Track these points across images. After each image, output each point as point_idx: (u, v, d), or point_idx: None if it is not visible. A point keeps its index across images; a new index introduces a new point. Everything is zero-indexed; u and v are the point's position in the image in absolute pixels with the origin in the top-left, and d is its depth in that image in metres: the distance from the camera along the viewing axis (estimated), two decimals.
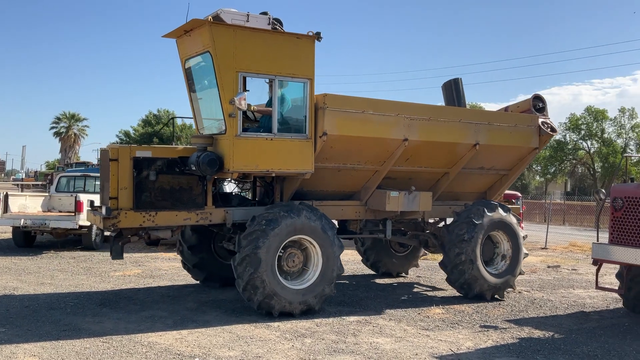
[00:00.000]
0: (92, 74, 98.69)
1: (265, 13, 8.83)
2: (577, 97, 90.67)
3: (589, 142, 53.24)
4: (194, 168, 8.48)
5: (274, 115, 8.79)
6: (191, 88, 9.77)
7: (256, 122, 9.27)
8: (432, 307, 9.55)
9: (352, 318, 8.65)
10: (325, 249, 8.81)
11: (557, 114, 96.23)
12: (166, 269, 12.73)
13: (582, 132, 52.16)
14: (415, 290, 11.20)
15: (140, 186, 8.39)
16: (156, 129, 58.37)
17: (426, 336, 7.80)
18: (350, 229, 10.66)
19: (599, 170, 53.60)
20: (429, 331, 8.07)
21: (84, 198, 15.17)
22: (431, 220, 11.58)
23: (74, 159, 60.93)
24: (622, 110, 52.94)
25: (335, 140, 9.13)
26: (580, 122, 52.25)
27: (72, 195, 15.33)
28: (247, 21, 8.61)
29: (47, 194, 17.13)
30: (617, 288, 9.72)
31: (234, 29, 8.46)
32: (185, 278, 11.60)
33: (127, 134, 61.16)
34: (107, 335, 7.31)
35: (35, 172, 52.38)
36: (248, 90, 8.90)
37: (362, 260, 12.89)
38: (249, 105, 8.57)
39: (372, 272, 12.68)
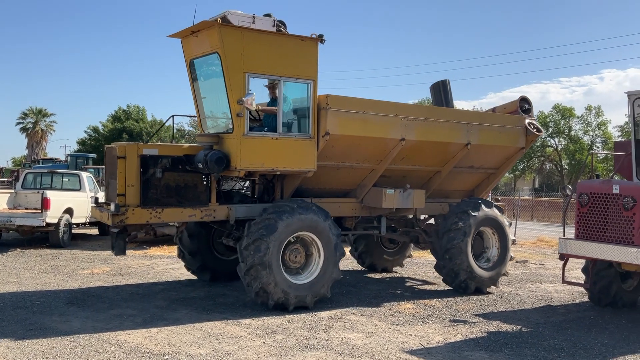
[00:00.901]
0: (59, 68, 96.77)
1: (269, 15, 9.01)
2: (545, 95, 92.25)
3: (556, 140, 54.29)
4: (201, 166, 8.64)
5: (279, 115, 8.98)
6: (195, 87, 9.89)
7: (258, 121, 9.39)
8: (403, 303, 9.62)
9: (324, 314, 8.67)
10: (326, 248, 9.05)
11: None
12: (136, 266, 12.57)
13: (550, 129, 53.12)
14: (386, 285, 11.27)
15: (146, 183, 8.54)
16: (126, 124, 57.58)
17: (397, 331, 7.86)
18: (345, 225, 10.85)
19: (566, 167, 54.72)
20: (400, 326, 8.13)
21: (51, 195, 14.91)
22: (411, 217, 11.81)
23: (41, 155, 59.74)
24: (588, 109, 54.12)
25: (337, 140, 9.36)
26: (548, 120, 53.20)
27: (38, 192, 15.04)
28: (253, 23, 8.80)
29: (13, 191, 16.75)
30: (583, 282, 9.93)
31: (242, 30, 8.62)
32: (155, 276, 11.49)
33: (95, 129, 60.19)
34: (74, 334, 7.19)
35: (1, 168, 51.16)
36: (251, 91, 8.96)
37: (350, 251, 12.97)
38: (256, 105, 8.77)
39: (346, 268, 12.72)
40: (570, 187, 9.98)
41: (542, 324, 8.52)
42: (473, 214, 10.60)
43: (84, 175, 17.42)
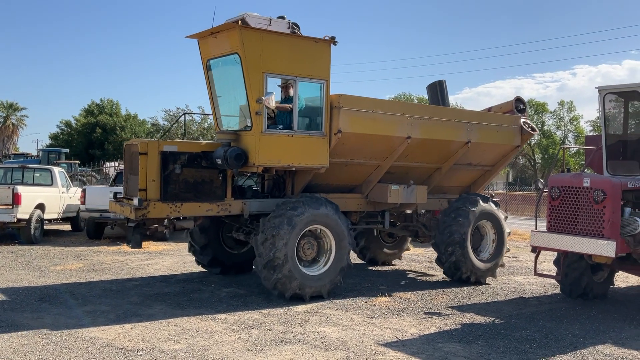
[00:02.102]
0: (30, 62, 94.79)
1: (282, 17, 9.36)
2: (519, 90, 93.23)
3: None
4: (220, 162, 8.98)
5: (294, 114, 9.36)
6: (211, 87, 10.22)
7: (271, 118, 9.58)
8: (378, 296, 9.68)
9: (300, 308, 8.68)
10: (338, 240, 9.42)
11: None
12: (109, 262, 12.43)
13: None
14: (362, 279, 11.32)
15: (166, 179, 8.86)
16: (99, 118, 56.75)
17: (372, 324, 7.91)
18: (350, 220, 10.94)
19: (539, 161, 55.57)
20: (375, 319, 8.18)
21: (22, 190, 14.65)
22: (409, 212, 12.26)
23: (12, 150, 58.52)
24: (561, 104, 55.06)
25: (348, 137, 9.72)
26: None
27: (9, 188, 14.77)
28: (270, 25, 9.15)
29: None
30: (554, 274, 10.10)
31: (261, 32, 8.98)
32: (129, 272, 11.36)
33: (68, 124, 59.18)
34: (46, 331, 7.08)
35: None
36: (270, 91, 9.30)
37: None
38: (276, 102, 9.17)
39: None
40: (542, 180, 10.14)
41: (514, 316, 8.64)
42: (472, 209, 11.03)
43: (56, 170, 17.15)
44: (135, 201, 8.65)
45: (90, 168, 35.34)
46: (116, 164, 33.33)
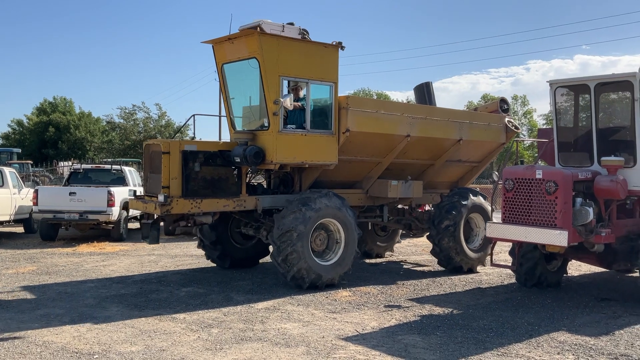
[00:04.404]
0: None
1: (292, 23, 10.02)
2: (475, 85, 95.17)
3: None
4: (238, 160, 9.58)
5: (307, 114, 10.06)
6: (226, 89, 10.83)
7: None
8: (339, 291, 9.71)
9: (261, 305, 8.63)
10: (347, 232, 10.04)
11: (457, 102, 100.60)
12: (63, 264, 12.10)
13: None
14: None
15: (187, 176, 9.40)
16: (52, 117, 55.22)
17: (333, 319, 7.92)
18: None
19: None
20: (336, 314, 8.20)
21: None
22: (401, 207, 12.87)
23: None
24: (515, 98, 56.25)
25: (355, 136, 10.41)
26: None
27: None
28: (283, 31, 9.83)
29: None
30: (510, 264, 10.33)
31: (277, 38, 9.68)
32: (84, 273, 11.08)
33: (20, 123, 57.46)
34: None
35: None
36: (288, 93, 9.94)
37: None
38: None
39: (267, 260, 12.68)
40: (497, 173, 10.36)
41: (472, 306, 8.80)
42: (464, 202, 11.65)
43: (7, 170, 16.59)
44: (161, 197, 9.11)
45: (43, 168, 34.36)
46: (70, 163, 32.51)
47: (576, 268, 12.12)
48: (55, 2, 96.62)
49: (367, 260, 13.15)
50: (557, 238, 8.44)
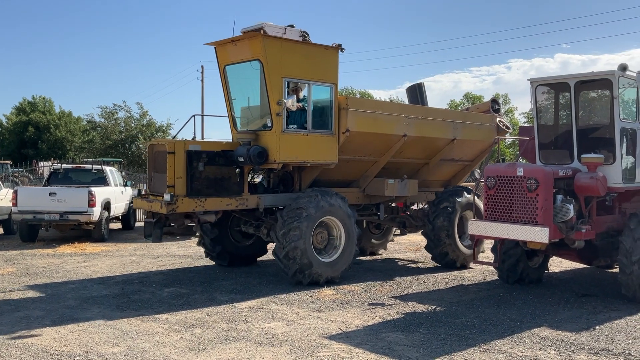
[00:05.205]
0: None
1: (292, 26, 10.18)
2: (457, 84, 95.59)
3: None
4: (242, 159, 9.79)
5: (308, 115, 10.26)
6: (228, 90, 10.95)
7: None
8: (323, 289, 9.71)
9: (244, 305, 8.60)
10: (347, 230, 10.29)
11: (439, 101, 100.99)
12: (44, 265, 11.94)
13: None
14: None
15: (192, 176, 9.59)
16: (32, 117, 54.49)
17: (317, 317, 7.91)
18: None
19: None
20: (320, 312, 8.20)
21: None
22: (395, 205, 13.11)
23: None
24: (496, 96, 56.63)
25: (354, 136, 10.63)
26: (459, 108, 55.27)
27: None
28: (284, 33, 9.98)
29: None
30: (492, 261, 10.40)
31: (280, 40, 9.86)
32: (65, 275, 10.95)
33: None
34: None
35: None
36: (291, 94, 10.13)
37: None
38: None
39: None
40: (479, 171, 10.43)
41: (455, 303, 8.85)
42: (458, 199, 11.97)
43: None
44: (167, 197, 9.31)
45: (23, 168, 33.92)
46: (50, 163, 32.11)
47: (557, 264, 12.25)
48: (33, 2, 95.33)
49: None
50: (538, 235, 8.52)
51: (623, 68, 8.72)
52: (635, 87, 9.15)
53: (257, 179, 12.13)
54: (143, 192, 10.92)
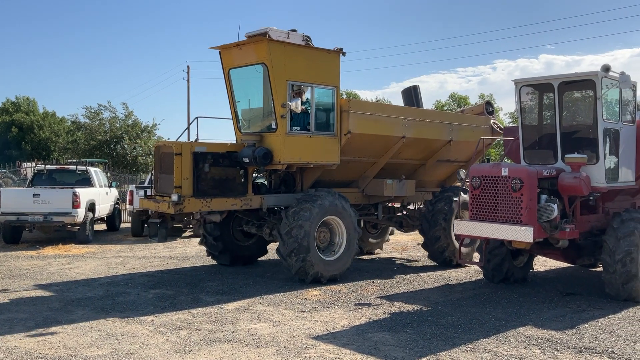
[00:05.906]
0: None
1: (294, 30, 10.36)
2: (443, 84, 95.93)
3: None
4: (247, 160, 9.99)
5: (311, 117, 10.48)
6: (232, 93, 11.13)
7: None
8: (309, 290, 9.70)
9: (231, 306, 8.57)
10: (349, 229, 10.51)
11: (425, 101, 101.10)
12: (27, 267, 11.81)
13: None
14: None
15: (198, 177, 9.79)
16: (15, 117, 53.91)
17: (303, 318, 7.91)
18: None
19: None
20: (307, 313, 8.19)
21: None
22: (392, 205, 13.32)
23: None
24: (481, 97, 56.96)
25: (356, 137, 10.91)
26: (445, 108, 55.48)
27: None
28: (288, 38, 10.19)
29: None
30: (478, 261, 10.45)
31: (284, 45, 10.12)
32: (49, 277, 10.84)
33: None
34: None
35: None
36: (295, 96, 10.32)
37: None
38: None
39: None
40: (464, 171, 10.48)
41: (441, 303, 8.88)
42: (455, 199, 12.13)
43: None
44: (175, 197, 9.50)
45: (6, 169, 33.51)
46: (34, 164, 31.78)
47: (542, 264, 12.35)
48: (15, 3, 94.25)
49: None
50: (523, 234, 8.58)
51: (606, 69, 8.82)
52: (617, 88, 9.25)
53: (260, 180, 12.19)
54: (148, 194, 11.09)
